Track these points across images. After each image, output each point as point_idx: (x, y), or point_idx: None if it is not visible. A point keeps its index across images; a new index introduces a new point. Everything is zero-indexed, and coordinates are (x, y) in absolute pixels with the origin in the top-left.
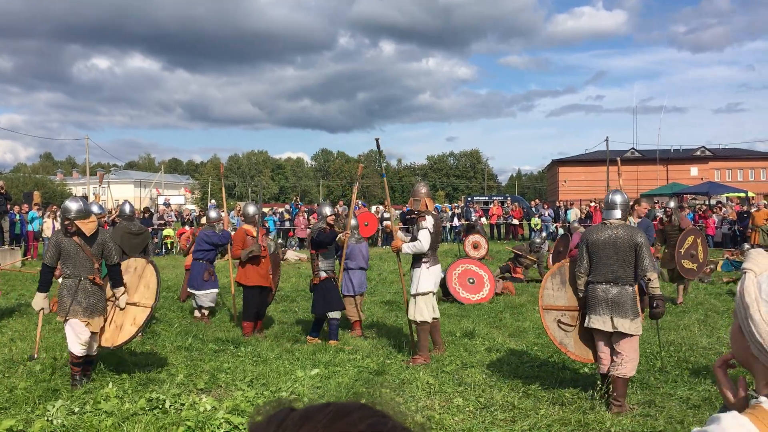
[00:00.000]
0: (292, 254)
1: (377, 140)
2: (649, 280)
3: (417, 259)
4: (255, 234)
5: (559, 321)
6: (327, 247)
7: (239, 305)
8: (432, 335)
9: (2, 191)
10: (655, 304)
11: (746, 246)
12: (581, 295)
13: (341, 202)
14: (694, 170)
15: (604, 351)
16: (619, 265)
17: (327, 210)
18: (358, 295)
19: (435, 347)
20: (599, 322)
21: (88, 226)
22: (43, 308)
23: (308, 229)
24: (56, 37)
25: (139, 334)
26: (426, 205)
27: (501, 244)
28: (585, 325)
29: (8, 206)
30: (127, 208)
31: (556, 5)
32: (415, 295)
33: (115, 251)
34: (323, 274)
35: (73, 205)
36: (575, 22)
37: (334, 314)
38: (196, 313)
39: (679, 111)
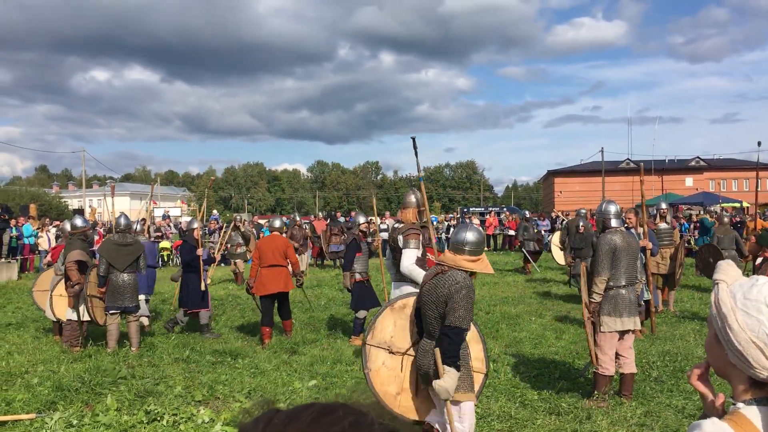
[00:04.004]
0: None
1: (413, 138)
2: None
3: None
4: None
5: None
6: (360, 252)
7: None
8: None
9: None
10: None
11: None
12: (598, 299)
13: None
14: (689, 180)
15: (612, 353)
16: (635, 268)
17: (360, 219)
18: None
19: None
20: (632, 322)
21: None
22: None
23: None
24: (55, 49)
25: None
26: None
27: (497, 255)
28: (614, 328)
29: (9, 220)
30: (122, 221)
31: (556, 16)
32: None
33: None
34: (358, 276)
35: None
36: (575, 33)
37: (360, 314)
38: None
39: (675, 121)
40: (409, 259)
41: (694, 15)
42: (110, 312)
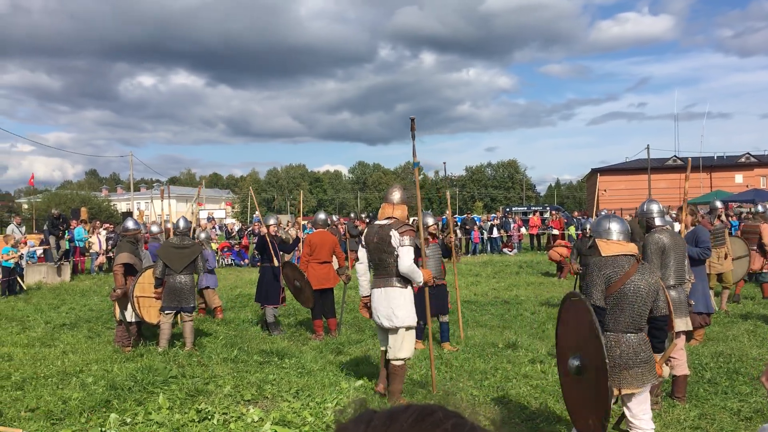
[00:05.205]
0: None
1: (412, 120)
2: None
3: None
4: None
5: None
6: (427, 257)
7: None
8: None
9: (58, 216)
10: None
11: None
12: None
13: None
14: (738, 177)
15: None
16: (683, 267)
17: (429, 220)
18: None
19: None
20: (683, 323)
21: None
22: None
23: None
24: (103, 55)
25: None
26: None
27: (541, 255)
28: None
29: (64, 229)
30: (181, 224)
31: (600, 11)
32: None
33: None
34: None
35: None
36: (620, 29)
37: (444, 317)
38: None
39: (723, 117)
40: (410, 257)
41: (743, 8)
42: (165, 312)
